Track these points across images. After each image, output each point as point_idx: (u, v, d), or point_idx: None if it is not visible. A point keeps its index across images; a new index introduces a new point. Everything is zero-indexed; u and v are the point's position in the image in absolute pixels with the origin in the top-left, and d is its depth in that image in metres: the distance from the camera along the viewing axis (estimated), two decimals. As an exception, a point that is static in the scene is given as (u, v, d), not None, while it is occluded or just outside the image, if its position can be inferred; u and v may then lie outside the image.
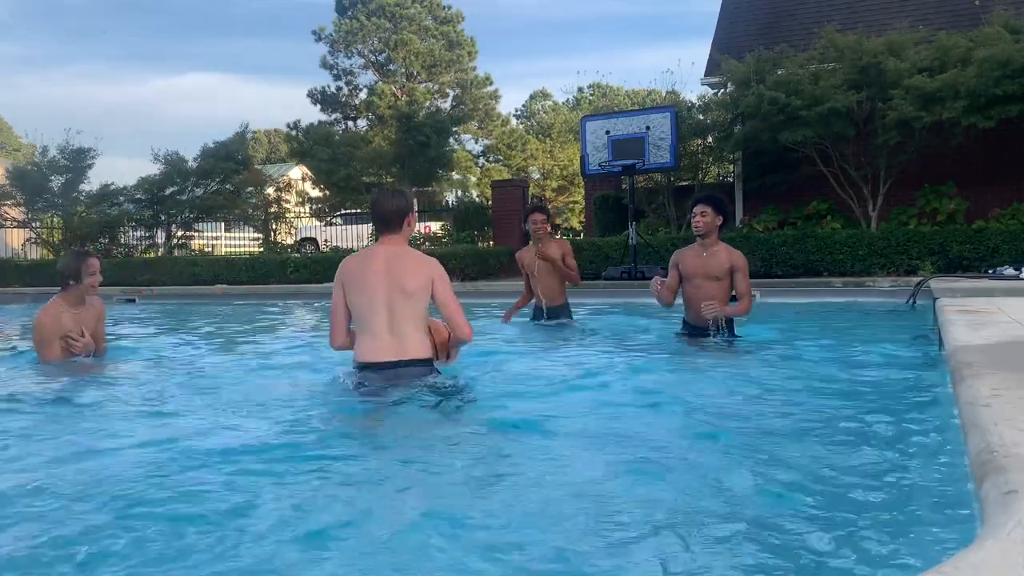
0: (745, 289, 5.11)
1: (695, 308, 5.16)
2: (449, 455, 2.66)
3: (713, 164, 14.87)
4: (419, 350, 3.58)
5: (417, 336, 3.58)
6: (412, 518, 2.02)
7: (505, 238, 16.05)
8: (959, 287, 7.42)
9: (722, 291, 5.12)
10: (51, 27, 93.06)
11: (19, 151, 42.62)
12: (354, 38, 34.99)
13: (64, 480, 2.39)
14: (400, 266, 3.58)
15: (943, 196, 12.03)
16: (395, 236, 3.71)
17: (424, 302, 3.59)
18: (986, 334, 3.67)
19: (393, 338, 3.54)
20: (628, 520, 1.97)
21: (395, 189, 3.98)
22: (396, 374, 3.51)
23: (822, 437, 2.73)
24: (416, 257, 3.67)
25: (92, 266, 4.81)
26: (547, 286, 6.47)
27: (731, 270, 5.09)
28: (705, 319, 5.05)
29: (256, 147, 44.48)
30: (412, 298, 3.54)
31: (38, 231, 19.69)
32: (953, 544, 1.62)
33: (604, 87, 50.02)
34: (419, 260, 3.65)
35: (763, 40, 13.41)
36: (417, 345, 3.57)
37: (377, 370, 3.53)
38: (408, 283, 3.54)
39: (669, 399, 3.52)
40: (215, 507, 2.11)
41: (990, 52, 10.39)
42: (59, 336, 4.71)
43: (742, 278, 5.10)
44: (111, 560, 1.81)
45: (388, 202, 3.72)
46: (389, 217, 3.70)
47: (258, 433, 2.96)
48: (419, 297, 3.56)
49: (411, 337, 3.56)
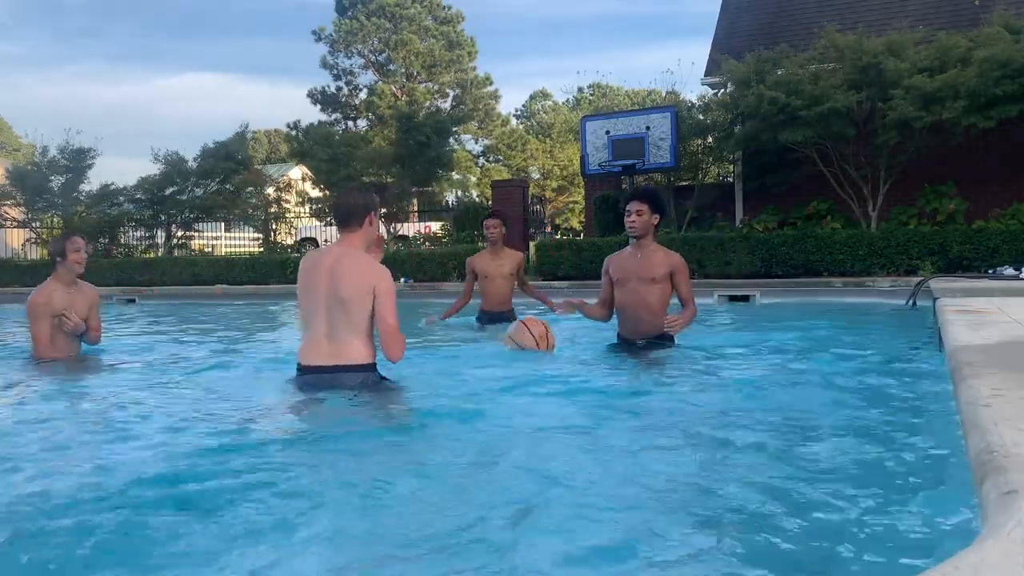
0: (688, 294, 4.68)
1: (631, 316, 4.71)
2: (374, 459, 2.63)
3: (713, 164, 14.87)
4: (357, 355, 3.47)
5: (356, 342, 3.47)
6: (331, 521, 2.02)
7: (505, 238, 16.03)
8: (959, 287, 7.42)
9: (662, 296, 4.66)
10: (50, 27, 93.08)
11: (19, 151, 42.61)
12: (354, 38, 35.02)
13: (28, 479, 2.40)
14: (341, 272, 3.46)
15: (943, 196, 12.03)
16: (353, 236, 3.59)
17: (364, 310, 3.45)
18: (986, 334, 3.67)
19: (331, 343, 3.47)
20: (559, 525, 1.96)
21: (359, 188, 3.92)
22: (333, 379, 3.45)
23: (821, 437, 2.73)
24: (361, 264, 3.51)
25: (76, 243, 4.96)
26: (498, 292, 6.69)
27: (670, 273, 4.63)
28: (645, 332, 4.66)
29: (256, 147, 44.48)
30: (348, 306, 3.43)
31: (38, 231, 19.69)
32: (953, 544, 1.62)
33: (604, 87, 50.05)
34: (362, 268, 3.49)
35: (763, 40, 13.41)
36: (355, 351, 3.47)
37: (314, 373, 3.49)
38: (344, 290, 3.43)
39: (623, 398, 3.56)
40: (167, 506, 2.13)
41: (990, 52, 10.40)
42: (51, 315, 4.82)
43: (684, 282, 4.65)
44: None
45: (350, 199, 3.63)
46: (349, 214, 3.57)
47: (202, 432, 2.99)
48: (357, 305, 3.44)
49: (349, 343, 3.46)
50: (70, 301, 4.91)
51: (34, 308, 4.84)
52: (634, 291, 4.67)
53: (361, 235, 3.60)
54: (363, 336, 3.49)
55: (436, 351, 5.51)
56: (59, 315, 4.84)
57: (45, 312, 4.83)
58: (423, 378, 4.06)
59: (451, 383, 4.01)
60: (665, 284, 4.63)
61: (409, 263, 14.32)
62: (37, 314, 4.83)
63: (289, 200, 20.45)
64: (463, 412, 3.23)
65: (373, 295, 3.45)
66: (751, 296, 9.73)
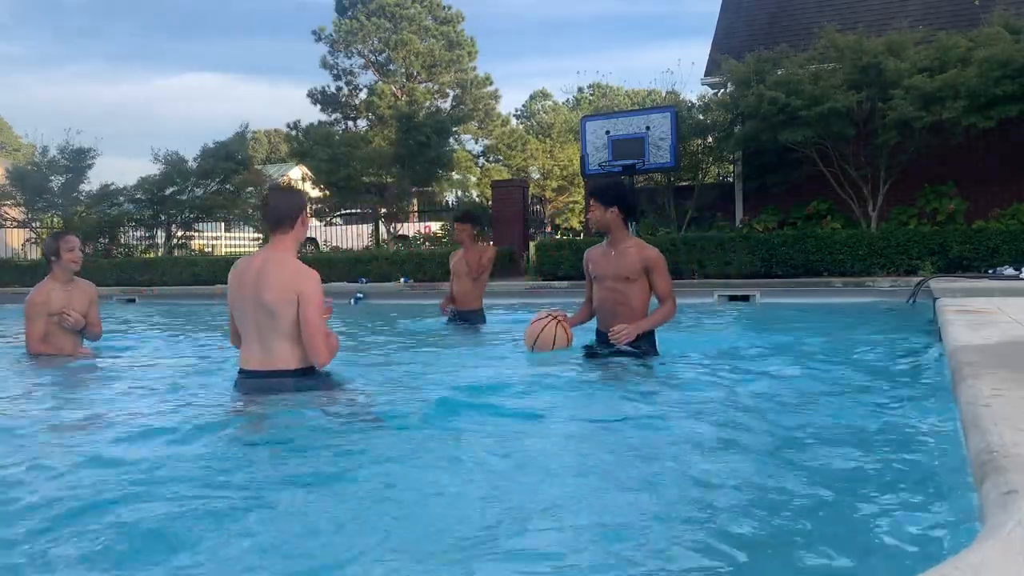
0: (665, 290, 4.42)
1: (608, 316, 4.51)
2: (308, 461, 2.62)
3: (713, 164, 14.86)
4: (286, 361, 3.46)
5: (285, 347, 3.45)
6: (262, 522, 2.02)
7: (505, 238, 16.05)
8: (959, 287, 7.42)
9: (640, 295, 4.43)
10: (50, 27, 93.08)
11: (19, 151, 42.60)
12: (354, 38, 35.00)
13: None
14: (266, 278, 3.43)
15: (943, 196, 12.02)
16: (284, 238, 3.56)
17: (289, 316, 3.41)
18: (986, 334, 3.67)
19: (261, 349, 3.48)
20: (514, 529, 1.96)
21: (289, 188, 3.93)
22: (265, 384, 3.46)
23: (820, 437, 2.73)
24: (286, 270, 3.46)
25: (69, 242, 5.01)
26: (463, 291, 6.84)
27: (645, 270, 4.40)
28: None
29: (256, 147, 44.48)
30: (273, 312, 3.41)
31: (38, 231, 19.69)
32: (953, 544, 1.62)
33: (604, 87, 50.04)
34: (287, 273, 3.44)
35: (763, 40, 13.40)
36: (284, 356, 3.45)
37: (249, 377, 3.52)
38: (266, 297, 3.40)
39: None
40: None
41: (990, 52, 10.39)
42: (47, 313, 4.90)
43: (660, 277, 4.41)
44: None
45: (281, 201, 3.60)
46: (281, 216, 3.53)
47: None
48: (281, 312, 3.41)
49: (277, 349, 3.45)
50: (68, 299, 4.96)
51: (31, 307, 4.91)
52: (611, 289, 4.48)
53: (292, 237, 3.57)
54: (291, 341, 3.46)
55: (394, 352, 5.52)
56: (58, 313, 4.89)
57: (42, 311, 4.90)
58: (382, 381, 4.11)
59: (399, 385, 4.04)
60: (642, 282, 4.41)
61: (409, 263, 14.32)
62: (33, 313, 4.91)
63: (289, 200, 20.42)
64: (398, 414, 3.24)
65: (297, 300, 3.40)
66: (751, 296, 9.73)
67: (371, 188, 17.57)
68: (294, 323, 3.43)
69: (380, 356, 5.47)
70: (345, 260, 15.12)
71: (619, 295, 4.44)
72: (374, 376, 4.29)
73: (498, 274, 14.56)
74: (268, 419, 3.19)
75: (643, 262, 4.38)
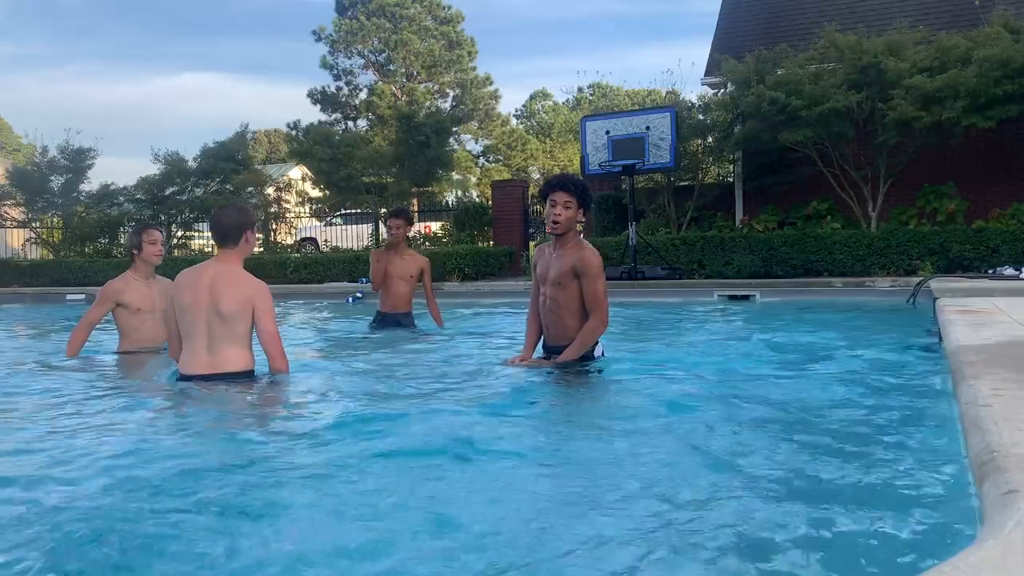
0: (594, 300, 3.86)
1: (546, 324, 4.07)
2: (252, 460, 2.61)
3: (713, 164, 14.86)
4: (236, 364, 3.68)
5: (234, 351, 3.67)
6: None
7: (505, 238, 16.05)
8: (959, 287, 7.42)
9: (571, 301, 3.92)
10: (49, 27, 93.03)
11: (19, 151, 42.57)
12: (354, 38, 34.99)
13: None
14: (221, 288, 3.65)
15: (943, 196, 12.03)
16: (230, 252, 3.79)
17: (244, 323, 3.67)
18: (986, 334, 3.67)
19: (210, 355, 3.67)
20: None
21: (238, 206, 4.20)
22: (212, 386, 3.63)
23: (820, 437, 2.73)
24: (239, 280, 3.70)
25: (152, 235, 4.90)
26: (399, 293, 6.46)
27: (574, 273, 3.88)
28: (558, 343, 4.00)
29: (256, 147, 44.46)
30: (229, 321, 3.63)
31: (38, 231, 19.69)
32: (953, 544, 1.62)
33: (604, 87, 50.06)
34: (241, 283, 3.69)
35: (763, 40, 13.41)
36: (233, 360, 3.67)
37: (196, 381, 3.67)
38: (224, 306, 3.63)
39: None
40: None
41: (990, 52, 10.39)
42: (117, 302, 4.77)
43: (590, 283, 3.85)
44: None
45: (227, 217, 3.84)
46: (227, 232, 3.77)
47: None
48: (237, 320, 3.64)
49: (227, 354, 3.67)
50: (149, 295, 4.83)
51: (105, 291, 4.80)
52: (548, 296, 4.02)
53: (238, 252, 3.80)
54: (242, 346, 3.70)
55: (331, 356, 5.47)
56: (135, 309, 4.77)
57: (110, 297, 4.78)
58: (314, 382, 4.11)
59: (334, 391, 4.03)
60: (572, 286, 3.90)
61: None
62: (104, 297, 4.79)
63: (289, 200, 20.46)
64: (339, 419, 3.21)
65: (253, 310, 3.66)
66: (751, 296, 9.74)
67: (371, 188, 17.57)
68: (247, 331, 3.70)
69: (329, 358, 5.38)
70: (345, 260, 15.12)
71: (553, 302, 3.99)
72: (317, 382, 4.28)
73: (498, 274, 14.59)
74: (214, 418, 3.26)
75: (574, 264, 3.88)
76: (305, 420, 3.28)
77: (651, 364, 4.51)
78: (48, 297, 14.05)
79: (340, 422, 3.13)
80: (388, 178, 17.54)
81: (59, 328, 8.44)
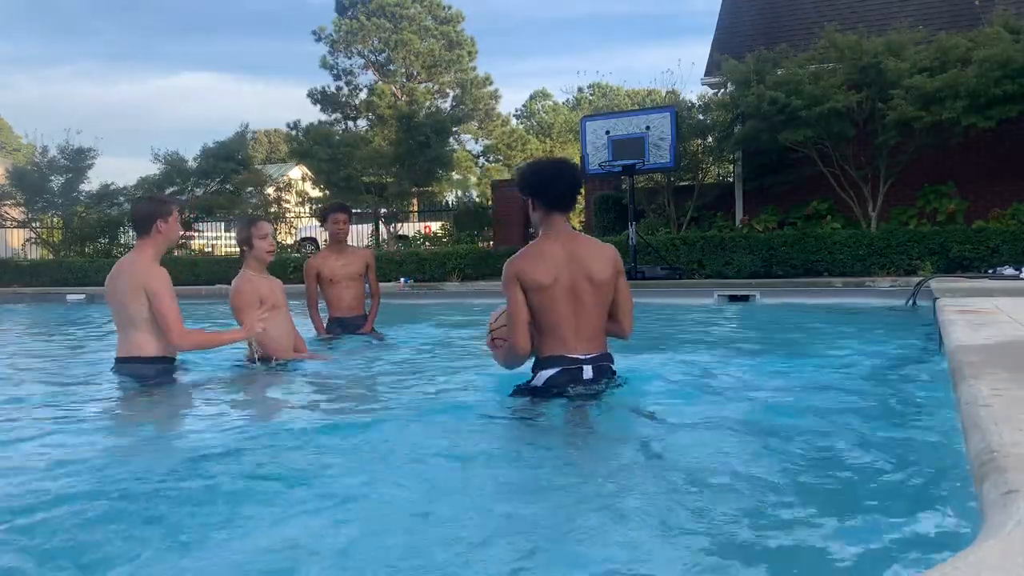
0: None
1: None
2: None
3: (713, 164, 14.87)
4: (141, 349, 3.91)
5: (137, 336, 3.91)
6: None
7: (505, 238, 16.05)
8: (959, 287, 7.41)
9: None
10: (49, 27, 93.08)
11: (19, 151, 42.56)
12: (354, 38, 34.96)
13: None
14: (121, 276, 3.91)
15: (943, 196, 12.02)
16: (144, 242, 3.99)
17: (141, 310, 3.86)
18: (986, 334, 3.66)
19: (120, 340, 4.01)
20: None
21: (156, 196, 4.37)
22: (124, 368, 3.98)
23: (820, 436, 2.73)
24: (135, 268, 3.91)
25: (262, 228, 4.61)
26: (353, 295, 6.04)
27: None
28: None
29: (256, 147, 44.45)
30: (128, 307, 3.87)
31: (38, 231, 19.68)
32: (953, 544, 1.62)
33: (604, 87, 50.02)
34: (137, 271, 3.89)
35: (763, 40, 13.40)
36: (139, 345, 3.91)
37: (116, 363, 4.04)
38: (122, 293, 3.88)
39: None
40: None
41: (990, 52, 10.39)
42: (260, 299, 4.42)
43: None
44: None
45: (139, 209, 4.13)
46: (140, 221, 4.03)
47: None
48: (135, 306, 3.85)
49: (130, 339, 3.93)
50: (271, 292, 4.52)
51: (239, 297, 4.40)
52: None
53: (151, 242, 3.99)
54: (144, 331, 3.90)
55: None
56: (269, 306, 4.42)
57: (250, 302, 4.38)
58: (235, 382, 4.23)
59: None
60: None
61: (409, 263, 14.32)
62: (243, 304, 4.37)
63: (289, 200, 20.45)
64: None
65: (147, 296, 3.84)
66: (751, 296, 9.74)
67: (371, 188, 17.55)
68: (144, 317, 3.88)
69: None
70: (345, 260, 15.09)
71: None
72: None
73: (498, 274, 14.55)
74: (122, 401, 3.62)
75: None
76: (290, 422, 3.25)
77: (648, 364, 4.50)
78: (48, 297, 14.03)
79: (330, 426, 3.13)
80: (388, 178, 17.52)
81: (59, 327, 8.41)
